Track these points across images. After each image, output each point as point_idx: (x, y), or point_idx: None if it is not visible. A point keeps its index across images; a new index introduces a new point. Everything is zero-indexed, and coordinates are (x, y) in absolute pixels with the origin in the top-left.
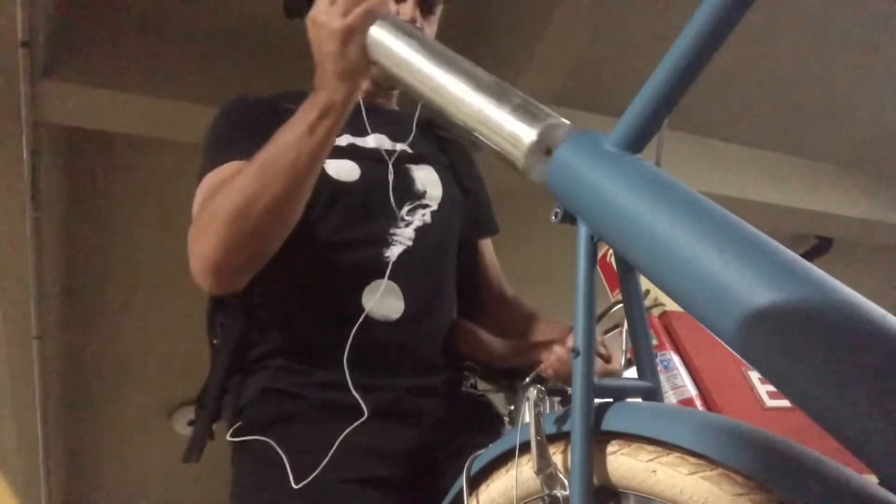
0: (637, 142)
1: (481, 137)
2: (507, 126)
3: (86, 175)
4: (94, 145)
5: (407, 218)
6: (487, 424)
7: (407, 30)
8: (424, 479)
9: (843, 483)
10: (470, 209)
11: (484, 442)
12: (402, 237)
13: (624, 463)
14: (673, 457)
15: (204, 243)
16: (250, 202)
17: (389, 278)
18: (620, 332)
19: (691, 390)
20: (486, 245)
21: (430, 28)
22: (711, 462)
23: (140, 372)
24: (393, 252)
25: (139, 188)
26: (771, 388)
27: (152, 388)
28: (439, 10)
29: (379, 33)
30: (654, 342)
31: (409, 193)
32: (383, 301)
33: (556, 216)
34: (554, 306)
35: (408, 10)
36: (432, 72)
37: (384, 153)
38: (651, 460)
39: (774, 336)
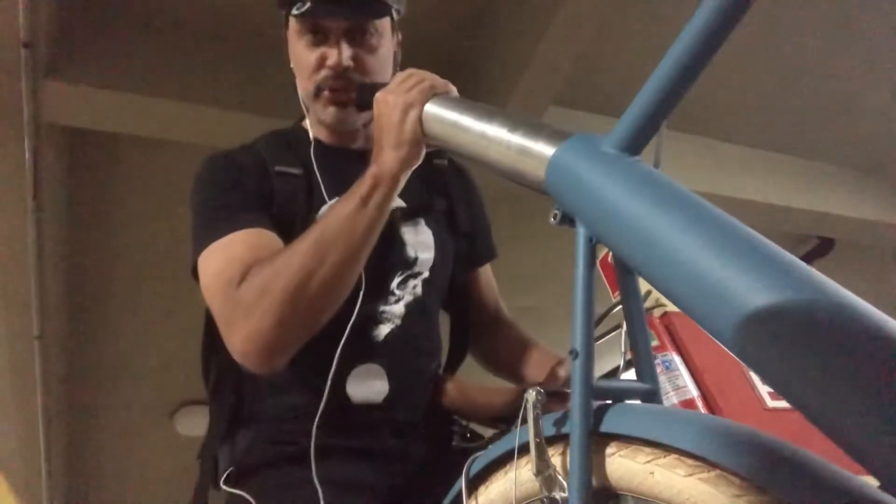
0: (636, 144)
1: (521, 174)
2: (537, 150)
3: (87, 175)
4: (95, 145)
5: (398, 292)
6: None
7: (459, 102)
8: None
9: (841, 485)
10: (465, 247)
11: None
12: (392, 314)
13: (622, 465)
14: (671, 458)
15: (254, 323)
16: (307, 278)
17: (375, 360)
18: (621, 334)
19: (693, 391)
20: (484, 270)
21: (372, 56)
22: (709, 464)
23: (141, 372)
24: (381, 332)
25: (141, 188)
26: (772, 388)
27: (154, 388)
28: (382, 26)
29: (433, 107)
30: (656, 343)
31: (400, 262)
32: (368, 386)
33: (554, 218)
34: (556, 306)
35: (333, 55)
36: (474, 125)
37: None
38: (649, 462)
39: (773, 339)
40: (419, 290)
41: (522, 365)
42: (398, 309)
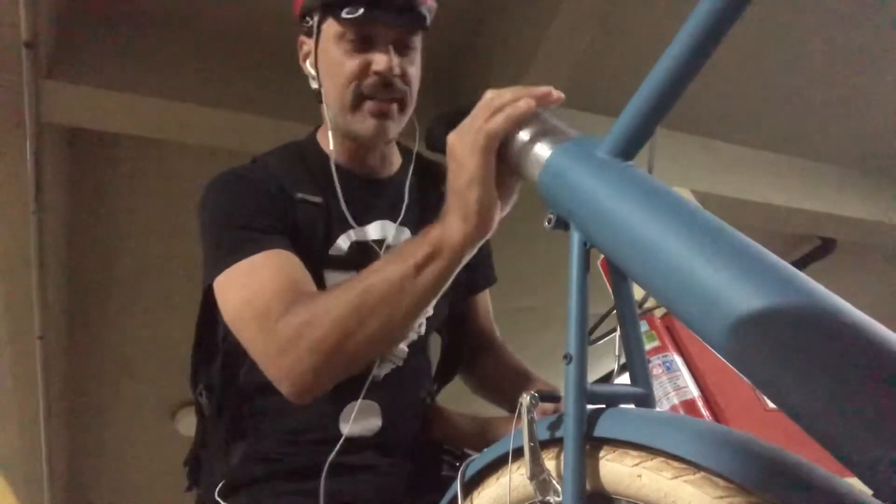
0: (629, 148)
1: (525, 174)
2: (535, 151)
3: (89, 175)
4: (97, 146)
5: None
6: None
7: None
8: None
9: (830, 488)
10: (464, 276)
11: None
12: (396, 355)
13: (612, 468)
14: (657, 461)
15: (289, 363)
16: (344, 337)
17: (371, 397)
18: (615, 338)
19: (693, 391)
20: (482, 296)
21: (413, 67)
22: (695, 466)
23: (143, 372)
24: (381, 371)
25: (142, 188)
26: None
27: (155, 389)
28: (418, 42)
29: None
30: (656, 343)
31: None
32: (361, 422)
33: (549, 222)
34: (557, 306)
35: (383, 60)
36: None
37: (386, 249)
38: (636, 465)
39: (763, 344)
40: (423, 328)
41: (513, 391)
42: (401, 349)
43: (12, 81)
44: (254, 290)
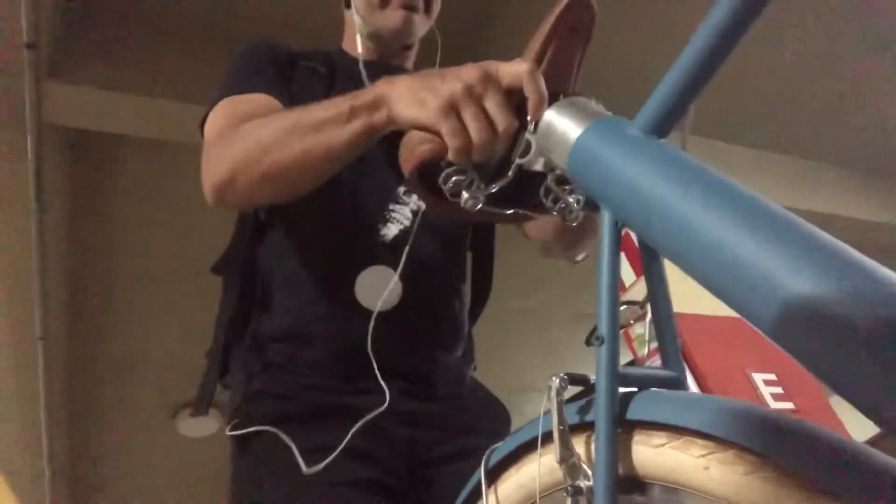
0: (662, 126)
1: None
2: (561, 130)
3: (90, 176)
4: (97, 146)
5: (404, 198)
6: (490, 427)
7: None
8: (417, 482)
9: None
10: None
11: (485, 445)
12: (400, 215)
13: (652, 453)
14: (730, 451)
15: (212, 167)
16: (262, 156)
17: (386, 262)
18: (645, 321)
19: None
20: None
21: (430, 10)
22: (744, 450)
23: (144, 373)
24: (389, 231)
25: (143, 189)
26: (775, 390)
27: (156, 389)
28: None
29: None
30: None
31: None
32: (378, 290)
33: (577, 203)
34: (557, 306)
35: None
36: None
37: None
38: (702, 456)
39: (817, 324)
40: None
41: None
42: (405, 211)
43: (13, 82)
44: (227, 117)
